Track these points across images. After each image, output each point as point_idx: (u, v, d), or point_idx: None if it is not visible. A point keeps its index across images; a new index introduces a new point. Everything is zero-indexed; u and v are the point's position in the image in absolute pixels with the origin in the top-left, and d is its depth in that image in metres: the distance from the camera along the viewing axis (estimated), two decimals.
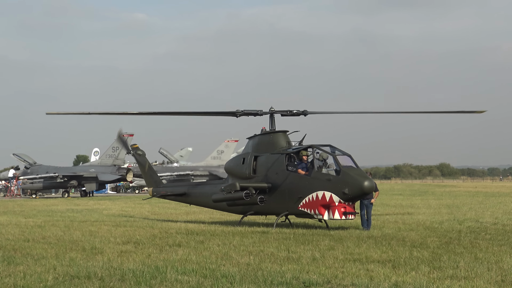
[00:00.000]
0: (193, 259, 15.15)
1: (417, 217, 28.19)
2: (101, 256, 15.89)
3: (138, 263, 14.64)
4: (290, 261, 14.79)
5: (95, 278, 12.74)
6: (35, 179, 66.52)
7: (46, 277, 12.86)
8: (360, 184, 21.81)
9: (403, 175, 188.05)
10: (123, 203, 47.53)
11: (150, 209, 37.10)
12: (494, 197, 50.42)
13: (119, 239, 19.70)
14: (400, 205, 38.80)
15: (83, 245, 18.35)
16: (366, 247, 17.12)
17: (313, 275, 12.84)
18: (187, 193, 27.78)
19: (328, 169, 22.71)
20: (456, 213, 31.36)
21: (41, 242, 19.18)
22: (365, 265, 14.06)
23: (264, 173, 24.21)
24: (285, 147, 24.36)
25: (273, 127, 25.10)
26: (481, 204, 39.46)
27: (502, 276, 12.64)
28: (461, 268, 13.58)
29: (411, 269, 13.56)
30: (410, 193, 63.45)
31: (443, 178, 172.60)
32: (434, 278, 12.50)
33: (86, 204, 46.17)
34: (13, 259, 15.56)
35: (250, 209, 24.72)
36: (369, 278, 12.51)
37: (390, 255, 15.56)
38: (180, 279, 12.52)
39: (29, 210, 38.65)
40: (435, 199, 47.63)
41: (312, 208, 22.55)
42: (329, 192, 22.09)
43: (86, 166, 72.52)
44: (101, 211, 36.44)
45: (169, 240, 19.44)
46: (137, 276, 12.83)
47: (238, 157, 26.17)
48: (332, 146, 23.21)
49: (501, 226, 23.86)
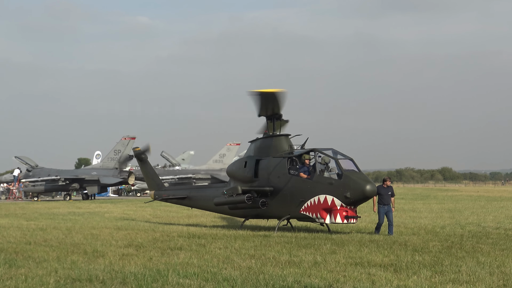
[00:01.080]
0: (195, 263, 15.14)
1: (419, 221, 28.16)
2: (103, 259, 15.88)
3: (139, 266, 14.64)
4: (292, 265, 14.78)
5: (96, 281, 12.74)
6: (37, 182, 66.52)
7: (47, 280, 12.86)
8: (362, 188, 21.79)
9: (405, 179, 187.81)
10: (125, 206, 47.52)
11: (151, 212, 37.08)
12: (496, 202, 50.36)
13: (120, 242, 19.70)
14: (402, 209, 38.76)
15: (84, 248, 18.35)
16: (368, 251, 17.11)
17: (315, 279, 12.82)
18: (189, 197, 27.78)
19: (330, 173, 22.70)
20: (458, 217, 31.32)
21: (42, 245, 19.18)
22: (367, 269, 14.05)
23: (266, 176, 24.19)
24: (287, 150, 24.35)
25: (275, 131, 25.09)
26: (483, 209, 39.41)
27: (504, 280, 12.63)
28: (463, 272, 13.56)
29: (413, 273, 13.55)
30: (412, 197, 63.36)
31: (445, 182, 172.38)
32: (435, 282, 12.49)
33: (88, 207, 46.17)
34: (14, 261, 15.56)
35: (252, 213, 24.71)
36: (370, 282, 12.50)
37: (392, 259, 15.55)
38: (181, 282, 12.51)
39: (31, 213, 38.65)
40: (437, 203, 47.58)
41: (314, 212, 22.54)
42: (331, 196, 22.08)
43: (88, 169, 72.48)
44: (103, 214, 36.43)
45: (171, 243, 19.43)
46: (138, 279, 12.83)
47: (240, 161, 26.17)
48: (334, 149, 23.21)
49: (503, 230, 23.83)
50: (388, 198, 22.60)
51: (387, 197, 22.61)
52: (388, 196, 22.62)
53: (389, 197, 22.63)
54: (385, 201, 22.55)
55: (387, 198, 22.59)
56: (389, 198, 22.64)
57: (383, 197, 22.57)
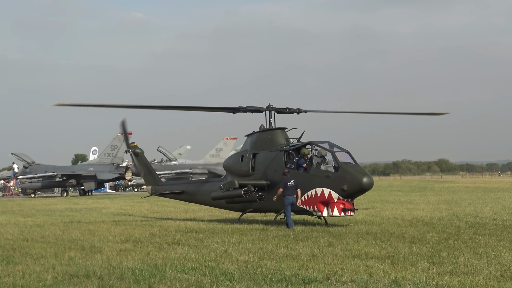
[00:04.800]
0: (192, 257, 15.14)
1: (416, 213, 28.19)
2: (100, 255, 15.87)
3: (137, 261, 14.63)
4: (289, 258, 14.78)
5: (94, 277, 12.73)
6: (33, 178, 66.42)
7: (45, 277, 12.85)
8: (359, 180, 21.80)
9: (401, 171, 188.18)
10: (122, 201, 47.49)
11: (149, 208, 37.07)
12: (493, 193, 50.43)
13: (118, 238, 19.69)
14: (399, 201, 38.79)
15: (82, 244, 18.34)
16: (365, 244, 17.11)
17: (313, 272, 12.83)
18: (186, 191, 27.76)
19: (327, 166, 22.71)
20: (455, 208, 31.36)
21: (40, 242, 19.16)
22: (365, 262, 14.05)
23: (263, 170, 24.19)
24: (283, 144, 24.34)
25: (271, 124, 25.09)
26: (480, 200, 39.46)
27: (501, 271, 12.64)
28: (460, 263, 13.57)
29: (411, 265, 13.56)
30: (409, 189, 63.44)
31: (442, 174, 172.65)
32: (433, 273, 12.50)
33: (85, 203, 46.13)
34: (12, 258, 15.55)
35: (249, 207, 24.71)
36: (368, 274, 12.51)
37: (389, 251, 15.55)
38: (179, 277, 12.50)
39: (28, 209, 38.60)
40: (434, 195, 47.63)
41: (311, 205, 22.54)
42: (328, 189, 22.09)
43: (85, 165, 72.41)
44: (100, 210, 36.40)
45: (168, 238, 19.43)
46: (136, 274, 12.82)
47: (236, 155, 26.15)
48: (330, 142, 23.20)
49: (500, 221, 23.86)
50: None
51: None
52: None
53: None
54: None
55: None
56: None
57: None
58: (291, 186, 22.30)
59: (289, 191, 22.28)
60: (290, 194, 22.28)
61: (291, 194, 22.28)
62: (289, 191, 22.29)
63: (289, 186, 22.29)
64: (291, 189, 22.29)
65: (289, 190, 22.29)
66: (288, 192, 22.29)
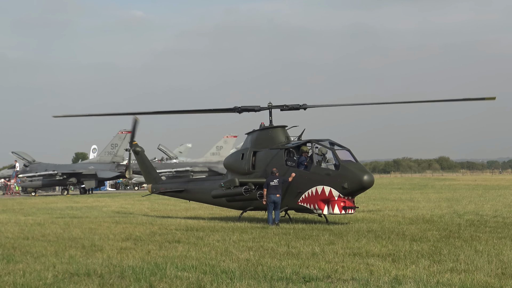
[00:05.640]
0: (193, 255, 15.13)
1: (416, 211, 28.19)
2: (101, 253, 15.86)
3: (137, 260, 14.62)
4: (290, 256, 14.77)
5: (94, 276, 12.72)
6: (34, 177, 66.43)
7: (45, 275, 12.84)
8: (360, 178, 21.79)
9: (402, 169, 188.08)
10: (123, 200, 47.50)
11: (149, 206, 37.07)
12: (493, 190, 50.44)
13: (118, 236, 19.68)
14: (400, 199, 38.79)
15: (82, 242, 18.33)
16: (366, 242, 17.11)
17: (313, 270, 12.82)
18: (187, 190, 27.76)
19: (328, 164, 22.70)
20: (455, 206, 31.35)
21: (40, 240, 19.15)
22: (365, 260, 14.04)
23: (263, 168, 24.18)
24: (284, 142, 24.33)
25: (271, 122, 25.07)
26: (481, 197, 39.47)
27: (502, 268, 12.62)
28: (461, 261, 13.56)
29: (411, 262, 13.55)
30: (409, 187, 63.45)
31: (442, 172, 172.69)
32: (434, 271, 12.49)
33: (85, 202, 46.14)
34: (12, 257, 15.54)
35: (249, 205, 24.70)
36: (369, 272, 12.49)
37: (390, 249, 15.54)
38: (180, 275, 12.49)
39: (28, 208, 38.61)
40: (434, 193, 47.63)
41: (312, 203, 22.54)
42: (328, 187, 22.09)
43: (85, 164, 72.44)
44: (101, 208, 36.40)
45: (169, 236, 19.42)
46: (136, 273, 12.81)
47: (237, 153, 26.13)
48: (331, 140, 23.18)
49: (501, 218, 23.86)
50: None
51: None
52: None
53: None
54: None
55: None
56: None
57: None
58: (273, 186, 22.65)
59: (271, 191, 22.63)
60: (272, 193, 22.63)
61: (273, 193, 22.60)
62: (271, 190, 22.61)
63: (271, 186, 22.65)
64: (273, 188, 22.62)
65: (271, 189, 22.61)
66: (270, 192, 22.68)
